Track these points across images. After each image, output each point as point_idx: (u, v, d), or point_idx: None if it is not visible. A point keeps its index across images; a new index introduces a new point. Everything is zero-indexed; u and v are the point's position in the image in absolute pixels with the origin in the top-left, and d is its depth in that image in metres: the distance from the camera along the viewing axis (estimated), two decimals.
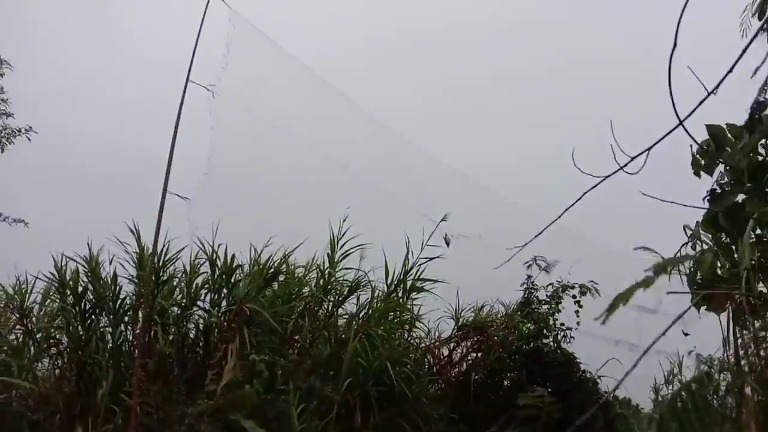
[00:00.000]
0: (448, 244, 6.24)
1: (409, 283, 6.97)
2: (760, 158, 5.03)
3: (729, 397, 8.08)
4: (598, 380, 6.92)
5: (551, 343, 6.90)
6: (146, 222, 5.78)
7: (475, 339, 7.14)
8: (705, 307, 5.89)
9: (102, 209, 9.94)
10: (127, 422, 4.32)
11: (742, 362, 6.30)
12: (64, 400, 5.35)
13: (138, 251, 6.15)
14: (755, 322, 5.90)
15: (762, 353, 6.30)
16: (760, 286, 5.97)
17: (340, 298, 6.61)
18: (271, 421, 4.55)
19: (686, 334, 8.46)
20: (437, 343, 7.19)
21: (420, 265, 6.71)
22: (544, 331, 6.95)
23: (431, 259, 6.65)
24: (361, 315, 6.41)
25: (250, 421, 4.06)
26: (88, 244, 6.34)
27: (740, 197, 5.31)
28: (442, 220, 6.57)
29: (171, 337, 5.85)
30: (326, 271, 6.71)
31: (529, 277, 7.49)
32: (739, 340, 6.26)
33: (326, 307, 6.77)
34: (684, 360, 10.74)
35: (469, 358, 7.21)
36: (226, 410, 4.06)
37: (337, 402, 5.13)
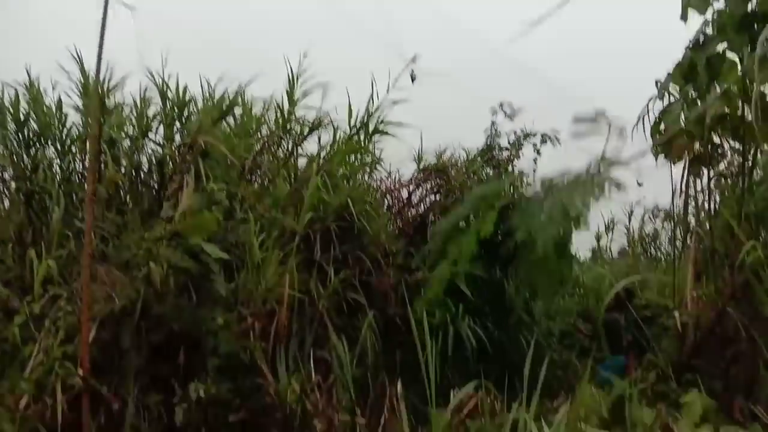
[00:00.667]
0: (413, 79, 6.06)
1: (372, 126, 6.85)
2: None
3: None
4: None
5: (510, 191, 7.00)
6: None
7: (435, 182, 7.20)
8: (663, 155, 6.02)
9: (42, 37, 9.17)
10: (82, 247, 4.26)
11: (691, 211, 6.63)
12: (15, 228, 5.25)
13: (82, 78, 5.78)
14: (709, 171, 6.13)
15: (711, 203, 6.63)
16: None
17: (301, 137, 6.45)
18: (232, 248, 4.60)
19: (640, 184, 8.83)
20: (397, 186, 7.24)
21: (385, 108, 6.54)
22: (503, 177, 7.04)
23: (396, 103, 6.48)
24: (322, 155, 6.31)
25: (211, 245, 4.06)
26: (26, 69, 5.95)
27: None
28: (412, 60, 6.35)
29: (123, 169, 5.71)
30: (285, 110, 6.51)
31: (494, 123, 7.53)
32: (691, 190, 6.53)
33: (285, 146, 6.64)
34: (634, 208, 11.33)
35: (428, 200, 7.31)
36: (186, 234, 4.04)
37: (299, 233, 5.17)
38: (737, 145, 5.76)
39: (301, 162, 6.56)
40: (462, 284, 6.16)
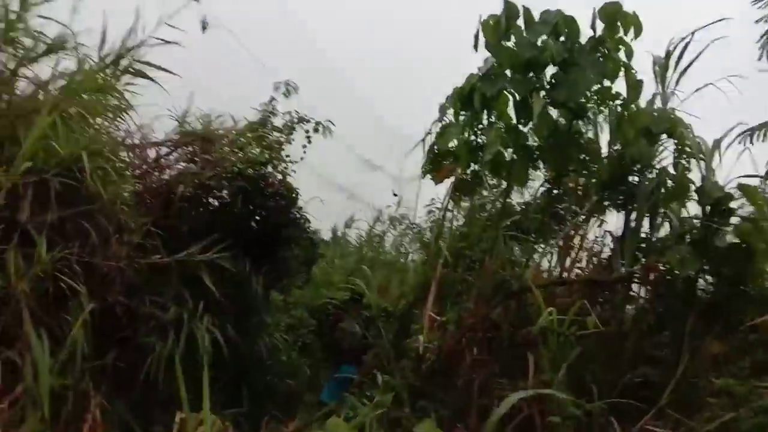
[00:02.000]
0: (204, 28, 5.13)
1: (126, 62, 5.68)
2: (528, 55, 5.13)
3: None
4: (309, 220, 6.87)
5: (277, 174, 6.49)
6: None
7: (194, 149, 6.31)
8: (432, 176, 6.12)
9: None
10: None
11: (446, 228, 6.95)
12: None
13: None
14: (472, 199, 6.46)
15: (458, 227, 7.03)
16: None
17: (30, 56, 4.98)
18: None
19: (395, 195, 9.14)
20: (145, 143, 6.15)
21: (152, 45, 5.44)
22: (273, 160, 6.48)
23: (168, 42, 5.43)
24: (57, 85, 4.96)
25: None
26: None
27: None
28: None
29: None
30: (11, 13, 4.96)
31: (273, 99, 6.93)
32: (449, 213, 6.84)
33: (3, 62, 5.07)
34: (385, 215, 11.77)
35: (180, 167, 6.38)
36: None
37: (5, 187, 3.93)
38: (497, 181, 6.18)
39: (24, 87, 5.09)
40: (206, 276, 5.46)
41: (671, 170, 5.15)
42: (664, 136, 5.26)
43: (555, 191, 5.63)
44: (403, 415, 4.81)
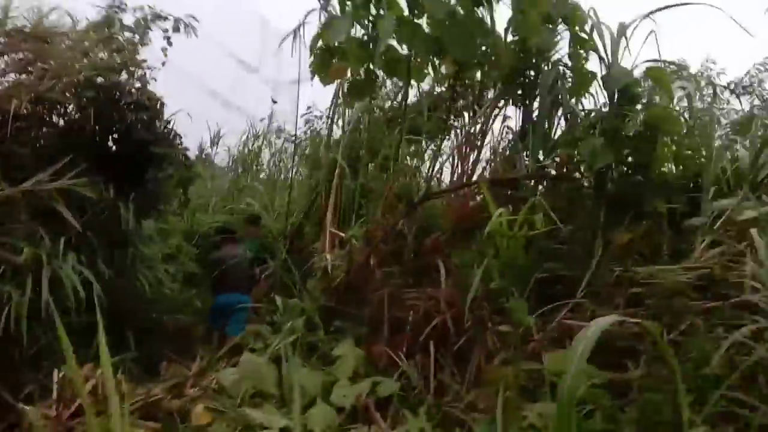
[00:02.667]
0: None
1: None
2: None
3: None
4: (179, 134, 5.99)
5: (133, 81, 5.51)
6: None
7: (26, 55, 5.15)
8: (320, 77, 5.56)
9: None
10: None
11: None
12: None
13: None
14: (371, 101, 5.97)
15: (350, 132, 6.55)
16: None
17: None
18: None
19: (275, 102, 8.39)
20: None
21: None
22: (128, 64, 5.47)
23: None
24: None
25: None
26: None
27: None
28: None
29: None
30: None
31: None
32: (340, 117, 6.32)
33: None
34: (264, 125, 10.94)
35: (11, 78, 5.21)
36: None
37: None
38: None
39: None
40: (62, 208, 4.58)
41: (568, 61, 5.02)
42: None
43: (456, 87, 5.28)
44: (318, 339, 4.45)
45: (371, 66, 5.40)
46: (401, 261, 5.16)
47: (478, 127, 5.65)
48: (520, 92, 5.35)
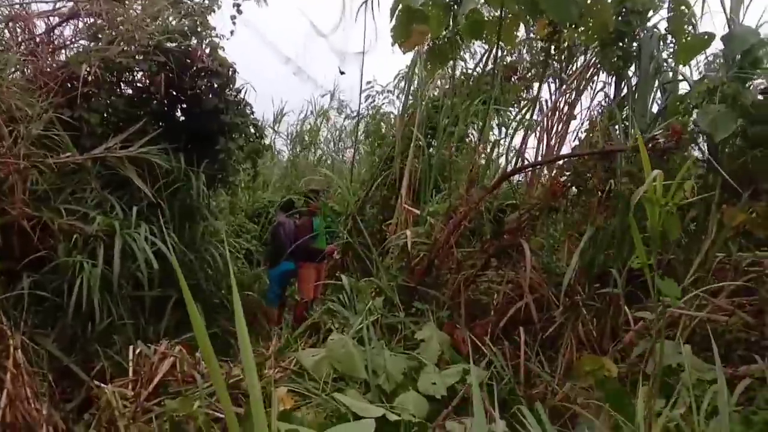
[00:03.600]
0: None
1: None
2: None
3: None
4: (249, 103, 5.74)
5: (204, 47, 5.28)
6: None
7: (95, 21, 5.00)
8: (400, 43, 5.25)
9: None
10: None
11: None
12: None
13: None
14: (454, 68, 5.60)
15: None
16: None
17: None
18: None
19: (342, 73, 8.11)
20: (29, 14, 4.78)
21: None
22: (199, 29, 5.25)
23: None
24: None
25: None
26: None
27: None
28: None
29: None
30: None
31: None
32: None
33: None
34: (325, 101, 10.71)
35: (78, 46, 5.09)
36: None
37: None
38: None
39: None
40: (134, 176, 4.41)
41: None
42: None
43: (551, 51, 4.82)
44: (397, 320, 4.17)
45: (454, 30, 5.07)
46: (482, 240, 4.83)
47: (568, 96, 5.23)
48: (616, 58, 4.89)
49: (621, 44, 4.78)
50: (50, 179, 4.08)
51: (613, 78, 5.11)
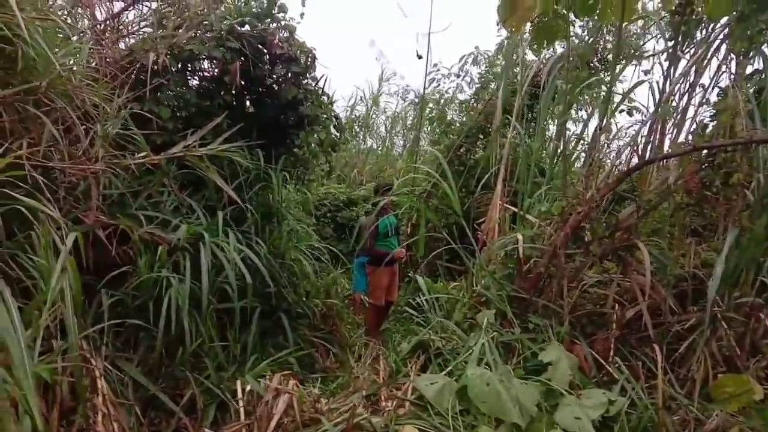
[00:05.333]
0: None
1: None
2: None
3: None
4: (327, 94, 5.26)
5: (281, 30, 4.82)
6: None
7: (161, 4, 4.60)
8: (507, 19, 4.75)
9: None
10: None
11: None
12: None
13: None
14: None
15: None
16: None
17: None
18: None
19: (419, 57, 7.64)
20: None
21: None
22: (275, 10, 4.79)
23: None
24: None
25: None
26: None
27: None
28: None
29: None
30: None
31: None
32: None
33: None
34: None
35: (147, 32, 4.69)
36: None
37: None
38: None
39: None
40: (216, 177, 3.99)
41: None
42: None
43: (681, 24, 4.22)
44: (514, 338, 3.69)
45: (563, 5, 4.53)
46: (591, 239, 4.30)
47: (693, 78, 4.63)
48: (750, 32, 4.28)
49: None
50: (125, 182, 3.70)
51: (740, 57, 4.50)
